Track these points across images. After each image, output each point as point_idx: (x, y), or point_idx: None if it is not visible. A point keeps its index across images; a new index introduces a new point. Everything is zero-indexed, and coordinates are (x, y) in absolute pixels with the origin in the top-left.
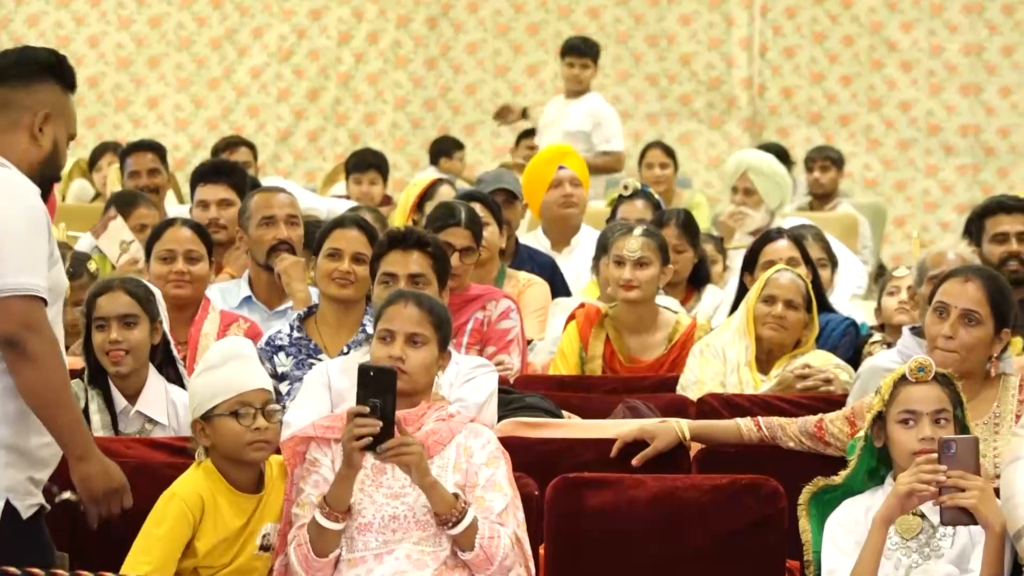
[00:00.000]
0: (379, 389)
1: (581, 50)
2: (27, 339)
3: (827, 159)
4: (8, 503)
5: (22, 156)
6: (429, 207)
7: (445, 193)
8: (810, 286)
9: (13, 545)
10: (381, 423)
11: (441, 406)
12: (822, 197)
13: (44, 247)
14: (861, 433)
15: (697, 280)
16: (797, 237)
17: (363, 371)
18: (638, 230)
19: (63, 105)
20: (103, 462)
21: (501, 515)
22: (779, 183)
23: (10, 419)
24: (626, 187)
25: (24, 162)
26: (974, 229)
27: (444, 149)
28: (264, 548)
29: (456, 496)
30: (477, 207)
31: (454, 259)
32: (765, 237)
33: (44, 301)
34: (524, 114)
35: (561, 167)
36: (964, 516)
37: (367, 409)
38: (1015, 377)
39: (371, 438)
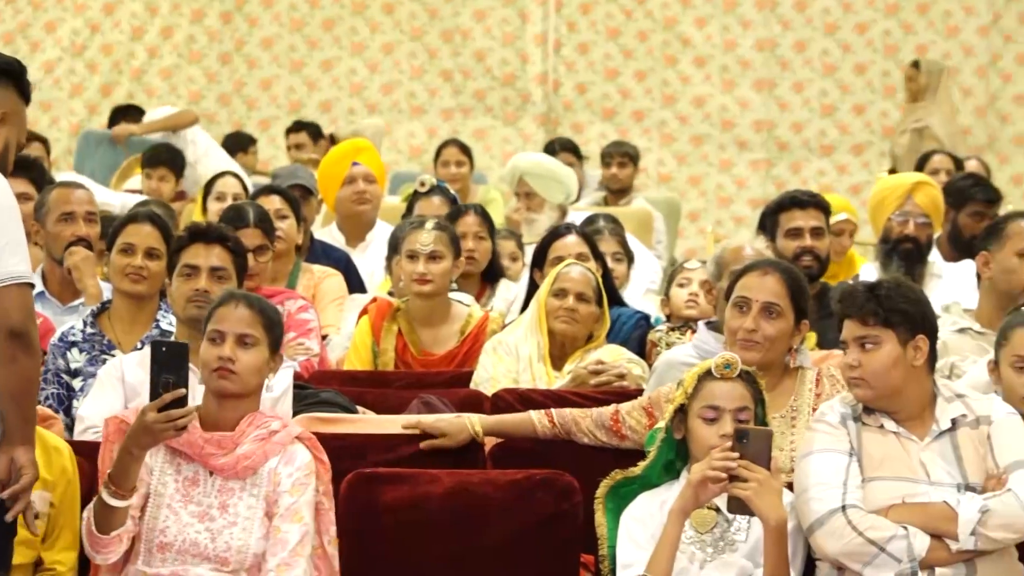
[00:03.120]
0: (172, 364)
1: None
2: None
3: (625, 155)
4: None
5: None
6: (211, 202)
7: (225, 184)
8: (600, 280)
9: None
10: (194, 410)
11: (264, 423)
12: (617, 192)
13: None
14: (661, 424)
15: (490, 275)
16: (587, 233)
17: (156, 346)
18: (430, 224)
19: (18, 112)
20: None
21: (295, 549)
22: (558, 180)
23: None
24: (422, 183)
25: None
26: (768, 224)
27: (239, 144)
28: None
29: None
30: (276, 200)
31: (248, 259)
32: (554, 233)
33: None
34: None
35: (355, 163)
36: (747, 506)
37: (184, 392)
38: (812, 371)
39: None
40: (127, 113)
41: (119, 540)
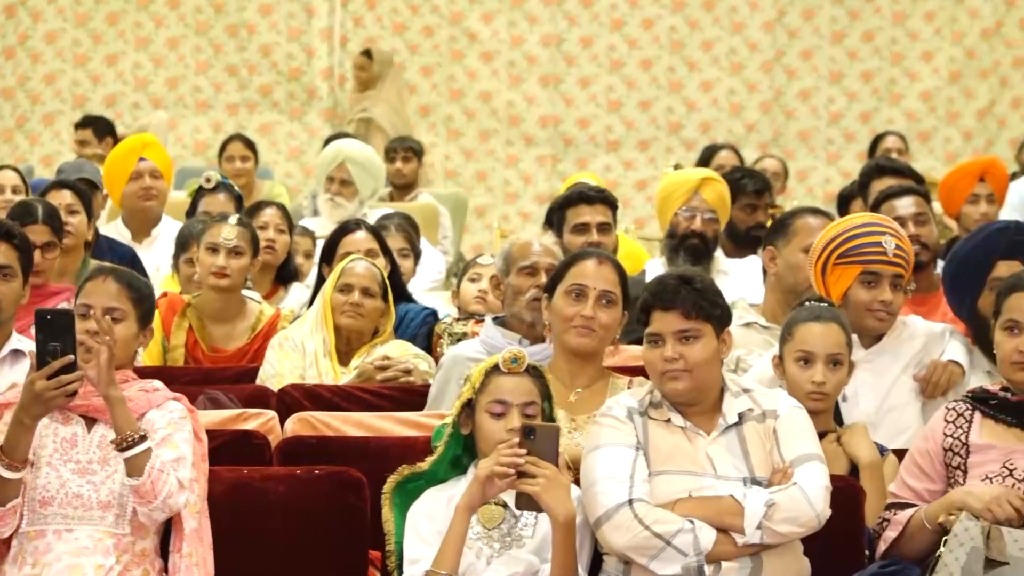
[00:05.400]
0: (57, 331)
1: None
2: None
3: (409, 149)
4: None
5: None
6: None
7: (3, 177)
8: (385, 275)
9: None
10: (83, 374)
11: (146, 382)
12: (402, 188)
13: None
14: (448, 420)
15: (284, 276)
16: (375, 228)
17: (40, 316)
18: (233, 219)
19: None
20: None
21: (169, 464)
22: (374, 174)
23: None
24: (208, 180)
25: None
26: (555, 219)
27: None
28: None
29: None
30: (67, 194)
31: (36, 256)
32: (343, 229)
33: None
34: None
35: (142, 159)
36: (535, 502)
37: (72, 358)
38: (623, 378)
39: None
40: None
41: (14, 512)
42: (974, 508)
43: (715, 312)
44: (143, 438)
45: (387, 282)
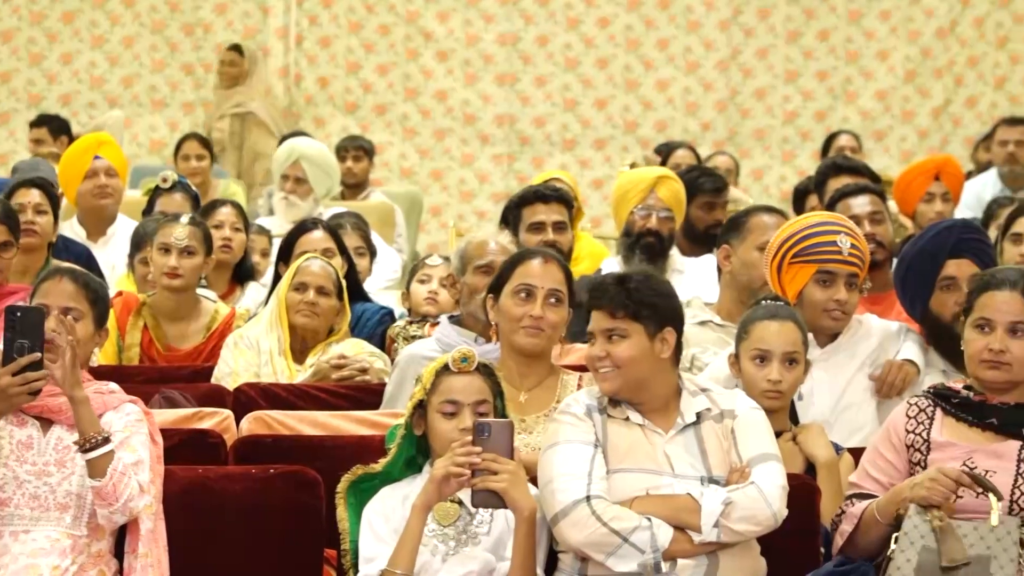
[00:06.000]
0: (27, 328)
1: None
2: None
3: (359, 148)
4: None
5: None
6: None
7: None
8: (340, 273)
9: None
10: (49, 373)
11: (101, 384)
12: (353, 187)
13: None
14: (402, 420)
15: (241, 275)
16: (333, 228)
17: (10, 312)
18: (185, 218)
19: None
20: None
21: (127, 469)
22: (329, 173)
23: None
24: (165, 179)
25: None
26: (511, 218)
27: None
28: None
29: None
30: (35, 193)
31: None
32: (300, 227)
33: None
34: None
35: (97, 157)
36: (494, 499)
37: (39, 356)
38: (573, 376)
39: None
40: None
41: None
42: (922, 496)
43: (644, 312)
44: (106, 440)
45: (342, 281)
